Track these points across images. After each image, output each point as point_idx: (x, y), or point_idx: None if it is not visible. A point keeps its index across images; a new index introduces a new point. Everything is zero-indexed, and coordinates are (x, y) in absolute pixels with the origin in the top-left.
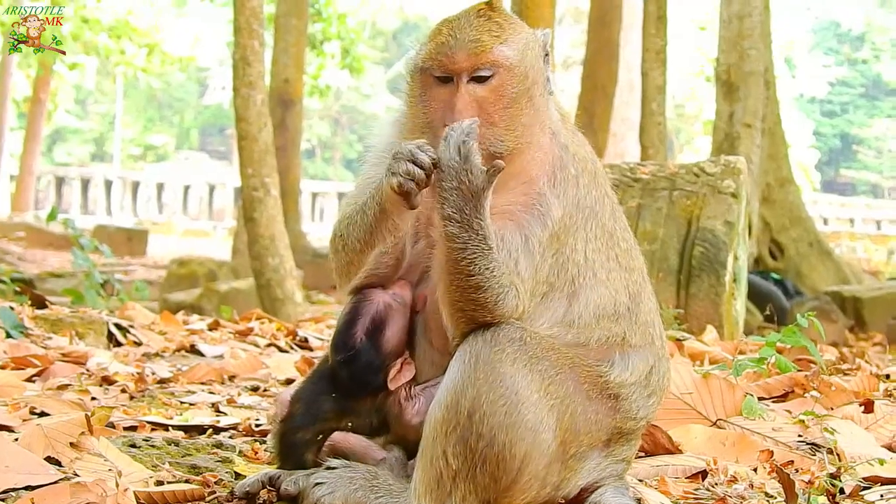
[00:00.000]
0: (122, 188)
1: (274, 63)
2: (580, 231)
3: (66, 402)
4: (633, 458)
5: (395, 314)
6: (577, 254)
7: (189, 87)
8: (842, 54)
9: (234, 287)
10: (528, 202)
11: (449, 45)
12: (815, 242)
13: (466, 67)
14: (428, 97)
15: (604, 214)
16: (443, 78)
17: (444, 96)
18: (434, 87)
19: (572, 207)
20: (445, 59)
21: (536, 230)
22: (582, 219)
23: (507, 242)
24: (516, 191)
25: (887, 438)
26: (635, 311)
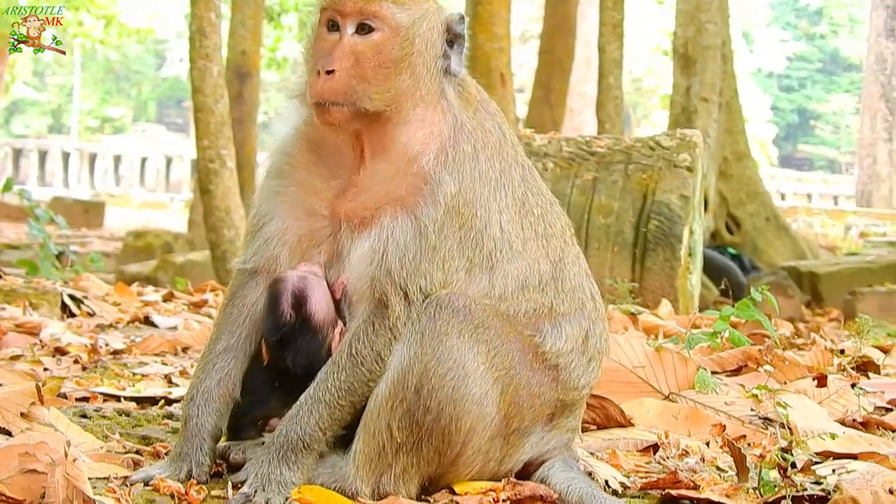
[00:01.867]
0: (79, 160)
1: (231, 35)
2: (491, 203)
3: (18, 373)
4: (579, 427)
5: (312, 285)
6: (492, 226)
7: (147, 59)
8: (799, 29)
9: (190, 259)
10: (415, 184)
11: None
12: (772, 217)
13: (351, 13)
14: (317, 44)
15: (512, 184)
16: (332, 26)
17: (329, 45)
18: (324, 35)
19: (473, 181)
20: (336, 2)
21: (429, 210)
22: (489, 191)
23: (396, 236)
24: (401, 172)
25: (840, 413)
26: (559, 278)
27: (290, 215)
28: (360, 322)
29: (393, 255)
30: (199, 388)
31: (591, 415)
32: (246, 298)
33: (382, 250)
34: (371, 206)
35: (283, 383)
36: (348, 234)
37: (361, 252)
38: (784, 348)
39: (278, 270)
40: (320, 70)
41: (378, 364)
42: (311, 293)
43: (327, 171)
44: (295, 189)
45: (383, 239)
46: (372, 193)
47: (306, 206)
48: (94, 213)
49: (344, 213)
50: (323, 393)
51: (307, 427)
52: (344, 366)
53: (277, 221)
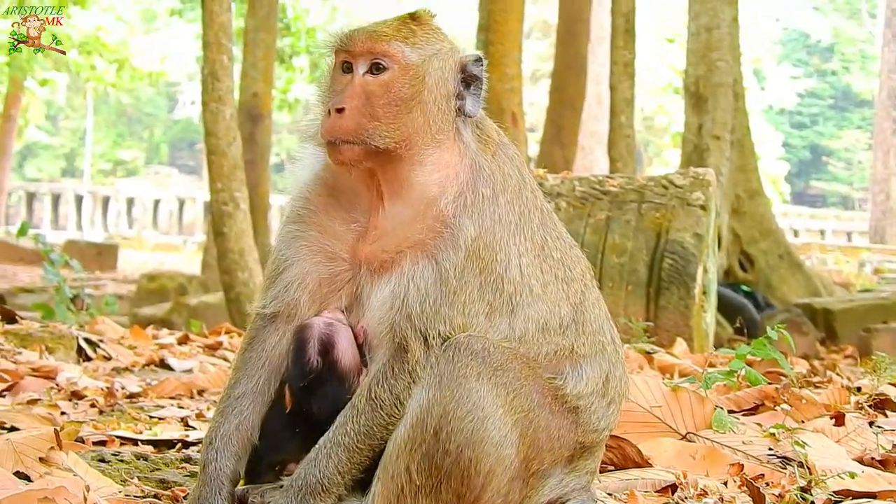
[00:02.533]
0: (92, 203)
1: (243, 77)
2: (510, 247)
3: (35, 417)
4: (597, 469)
5: (338, 332)
6: (512, 270)
7: (159, 101)
8: (811, 66)
9: (203, 301)
10: (435, 227)
11: (355, 31)
12: (786, 254)
13: (362, 52)
14: (331, 85)
15: (531, 228)
16: (346, 67)
17: (341, 85)
18: (337, 77)
19: (493, 225)
20: (347, 41)
21: (450, 255)
22: (508, 235)
23: (416, 281)
24: (420, 215)
25: (858, 451)
26: (580, 321)
27: (310, 260)
28: (379, 366)
29: (413, 300)
30: (218, 433)
31: (609, 455)
32: (265, 343)
33: (403, 295)
34: (391, 249)
35: (303, 428)
36: (368, 278)
37: (381, 296)
38: (800, 386)
39: (298, 315)
40: (331, 109)
41: (397, 408)
42: (337, 340)
43: (346, 215)
44: (315, 233)
45: (404, 284)
46: (392, 237)
47: (326, 250)
48: (108, 256)
49: (364, 257)
50: (342, 437)
51: (326, 470)
52: (363, 409)
53: (297, 266)
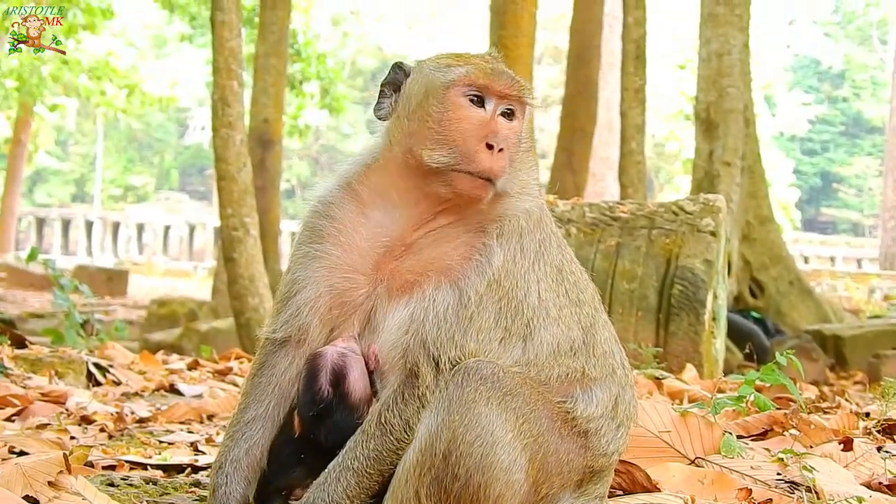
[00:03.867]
0: (102, 229)
1: (253, 103)
2: (530, 274)
3: (45, 442)
4: (605, 494)
5: (351, 362)
6: (531, 296)
7: (169, 127)
8: (822, 92)
9: (214, 327)
10: (468, 254)
11: (494, 69)
12: (796, 281)
13: (507, 96)
14: (454, 114)
15: (550, 253)
16: (476, 100)
17: (474, 117)
18: (464, 107)
19: (514, 254)
20: (488, 79)
21: (474, 282)
22: (529, 263)
23: (437, 306)
24: (459, 241)
25: (866, 476)
26: (591, 344)
27: (325, 282)
28: (390, 392)
29: (431, 326)
30: (228, 457)
31: (618, 480)
32: (275, 368)
33: (421, 319)
34: (417, 270)
35: (311, 455)
36: (384, 299)
37: (398, 319)
38: (809, 412)
39: (308, 339)
40: (493, 145)
41: (406, 433)
42: (349, 371)
43: (374, 230)
44: (335, 251)
45: (423, 308)
46: (422, 258)
47: (345, 267)
48: (118, 282)
49: (388, 272)
50: (351, 461)
51: (334, 494)
52: (373, 434)
53: (310, 289)
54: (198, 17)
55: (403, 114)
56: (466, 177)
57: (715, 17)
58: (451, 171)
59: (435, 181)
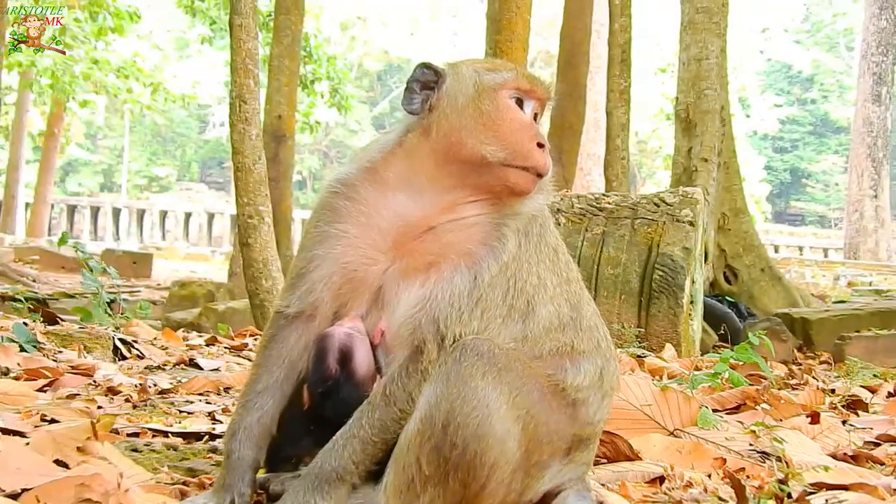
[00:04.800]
0: (128, 216)
1: (268, 101)
2: (532, 256)
3: (74, 410)
4: (591, 462)
5: (357, 342)
6: (532, 276)
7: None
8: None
9: (230, 307)
10: (486, 241)
11: (536, 77)
12: (767, 268)
13: (543, 101)
14: (504, 115)
15: (548, 234)
16: (519, 102)
17: (520, 118)
18: (511, 108)
19: (521, 237)
20: (534, 85)
21: (490, 265)
22: (533, 245)
23: (452, 287)
24: (479, 228)
25: (832, 448)
26: (578, 319)
27: (341, 260)
28: (396, 366)
29: (444, 306)
30: (241, 424)
31: (603, 449)
32: (286, 341)
33: (437, 298)
34: (436, 251)
35: (319, 426)
36: (398, 277)
37: (411, 297)
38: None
39: (318, 315)
40: (543, 144)
41: (409, 404)
42: (356, 351)
43: (396, 211)
44: (356, 231)
45: (440, 287)
46: (442, 241)
47: (362, 245)
48: (143, 265)
49: (406, 251)
50: (357, 430)
51: (341, 460)
52: (378, 405)
53: (326, 267)
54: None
55: (450, 110)
56: (520, 171)
57: (694, 24)
58: (504, 166)
59: (483, 173)
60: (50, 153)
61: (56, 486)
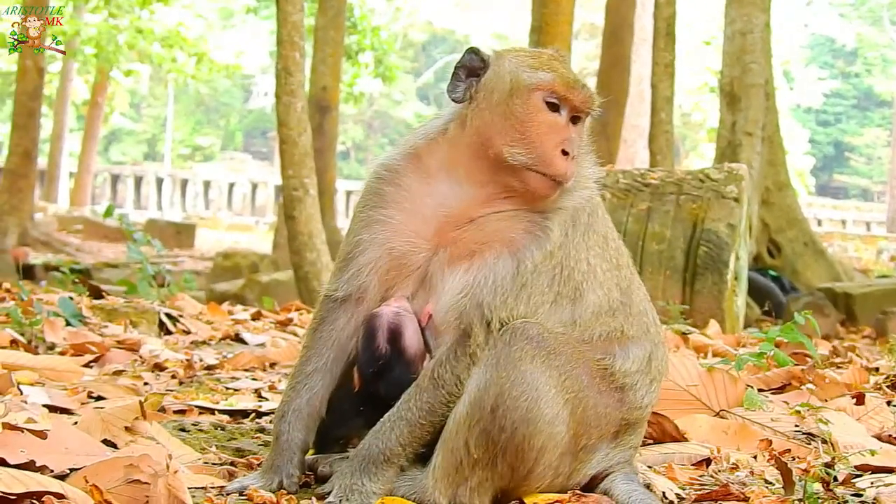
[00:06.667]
0: (171, 185)
1: (313, 72)
2: (580, 244)
3: (120, 387)
4: (639, 445)
5: (406, 321)
6: (581, 263)
7: (234, 92)
8: (836, 68)
9: (274, 278)
10: (530, 230)
11: (574, 80)
12: (810, 242)
13: (582, 109)
14: (534, 117)
15: (597, 222)
16: (552, 105)
17: (551, 121)
18: (543, 111)
19: (568, 227)
20: (569, 91)
21: (533, 254)
22: (580, 235)
23: (495, 273)
24: (520, 217)
25: (877, 429)
26: (628, 304)
27: (387, 245)
28: (443, 349)
29: (488, 291)
30: (290, 406)
31: (649, 430)
32: (335, 324)
33: (480, 284)
34: (480, 240)
35: (368, 408)
36: (442, 263)
37: (457, 283)
38: (824, 367)
39: (366, 298)
40: (568, 152)
41: (457, 387)
42: (405, 329)
43: (439, 200)
44: (399, 216)
45: (483, 274)
46: (485, 231)
47: (407, 231)
48: (186, 235)
49: (450, 241)
50: (405, 412)
51: (389, 442)
52: (426, 388)
53: (372, 251)
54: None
55: (485, 104)
56: (540, 177)
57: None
58: (525, 170)
59: (507, 173)
60: (93, 122)
61: (104, 467)
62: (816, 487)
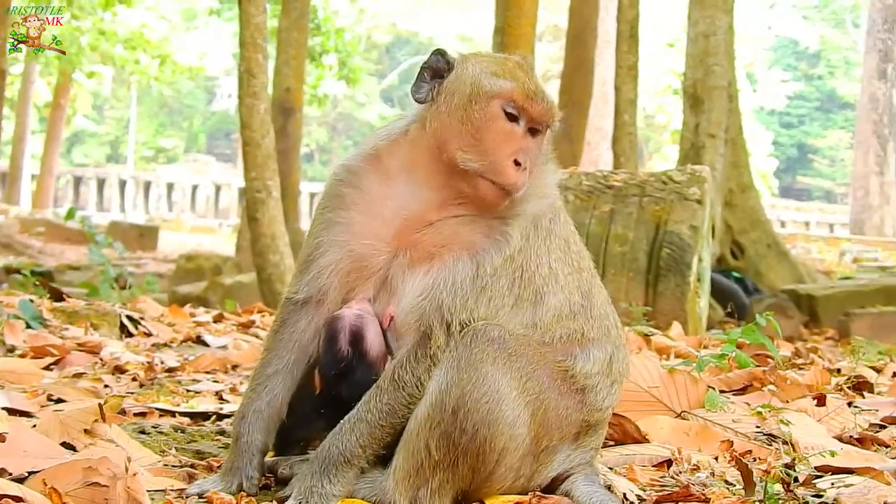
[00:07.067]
0: (134, 187)
1: (276, 73)
2: (542, 248)
3: (80, 390)
4: (600, 446)
5: (368, 323)
6: (542, 267)
7: (197, 94)
8: (799, 70)
9: (237, 281)
10: (488, 234)
11: (534, 92)
12: (773, 244)
13: (541, 121)
14: (491, 125)
15: (558, 227)
16: (511, 115)
17: (507, 130)
18: (500, 119)
19: (530, 232)
20: (528, 102)
21: (492, 257)
22: (541, 239)
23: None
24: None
25: (838, 430)
26: (589, 307)
27: (347, 247)
28: (404, 351)
29: (448, 293)
30: (251, 408)
31: (610, 431)
32: (296, 326)
33: (440, 286)
34: (439, 243)
35: (329, 410)
36: (403, 266)
37: (416, 285)
38: (786, 369)
39: (327, 300)
40: (520, 163)
41: (418, 389)
42: (366, 331)
43: (399, 202)
44: (360, 219)
45: (443, 276)
46: (445, 234)
47: (367, 233)
48: (149, 237)
49: (410, 243)
50: (365, 413)
51: (348, 443)
52: (386, 389)
53: (333, 253)
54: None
55: (444, 107)
56: (490, 185)
57: (702, 0)
58: (477, 176)
59: (460, 178)
60: (56, 124)
61: (63, 470)
62: (777, 488)
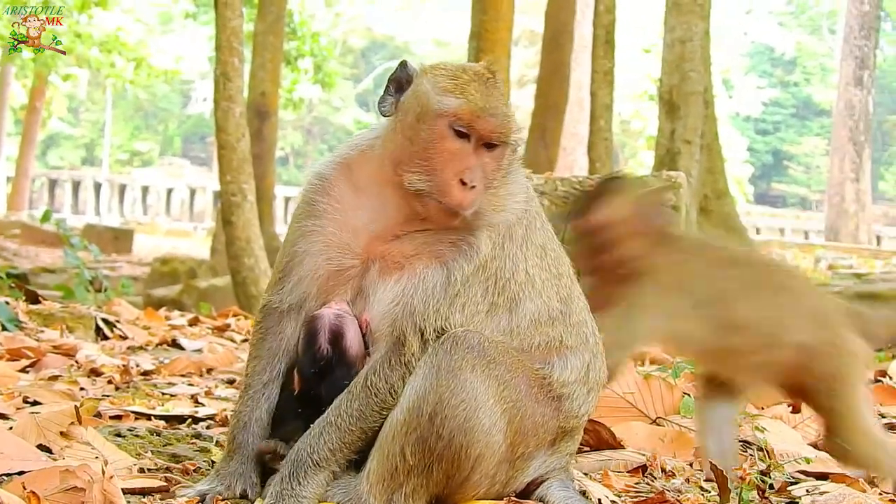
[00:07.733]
0: (110, 190)
1: (252, 77)
2: (517, 255)
3: (56, 392)
4: (575, 452)
5: (347, 322)
6: (518, 273)
7: (173, 98)
8: (775, 77)
9: (212, 284)
10: (457, 243)
11: (482, 108)
12: None
13: (489, 135)
14: (438, 144)
15: (535, 234)
16: (460, 133)
17: (455, 149)
18: (448, 138)
19: (504, 240)
20: (475, 120)
21: (462, 265)
22: (518, 246)
23: (426, 283)
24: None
25: (813, 437)
26: (567, 314)
27: (324, 254)
28: (377, 357)
29: (419, 300)
30: (252, 416)
31: (585, 437)
32: (282, 334)
33: (410, 294)
34: (409, 253)
35: (308, 409)
36: (376, 275)
37: (388, 293)
38: None
39: (307, 307)
40: (466, 182)
41: (391, 396)
42: (346, 330)
43: (368, 214)
44: (331, 228)
45: (413, 284)
46: (415, 244)
47: (340, 243)
48: (124, 240)
49: (379, 254)
50: (335, 418)
51: (317, 447)
52: (358, 395)
53: (310, 261)
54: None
55: (399, 126)
56: (437, 205)
57: (679, 5)
58: (424, 196)
59: (412, 198)
60: (31, 127)
61: (42, 474)
62: (752, 495)
